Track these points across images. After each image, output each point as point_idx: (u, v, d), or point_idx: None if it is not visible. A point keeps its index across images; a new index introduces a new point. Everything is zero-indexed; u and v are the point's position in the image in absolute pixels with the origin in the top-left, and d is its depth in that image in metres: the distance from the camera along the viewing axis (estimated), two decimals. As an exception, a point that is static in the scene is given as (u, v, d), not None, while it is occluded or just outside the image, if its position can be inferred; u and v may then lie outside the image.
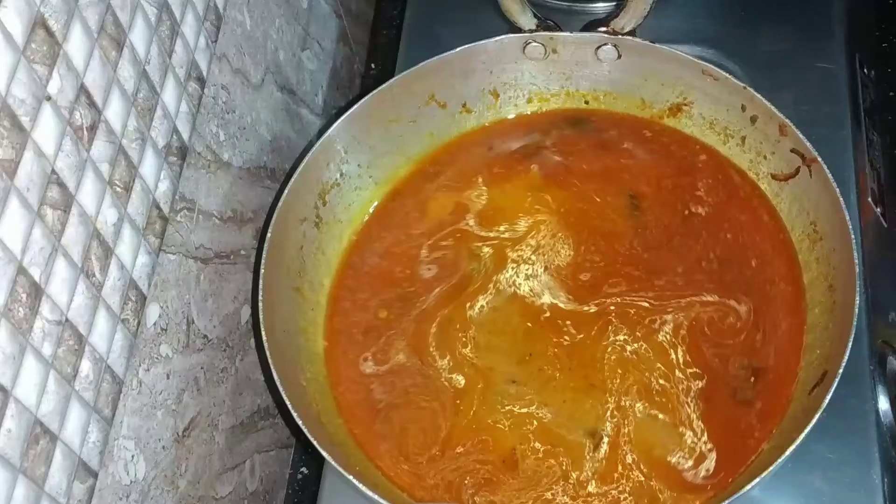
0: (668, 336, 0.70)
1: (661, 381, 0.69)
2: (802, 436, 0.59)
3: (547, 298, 0.73)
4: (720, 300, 0.71)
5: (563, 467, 0.67)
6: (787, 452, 0.59)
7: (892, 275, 0.80)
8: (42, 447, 0.49)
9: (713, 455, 0.66)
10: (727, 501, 0.60)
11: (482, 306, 0.74)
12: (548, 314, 0.73)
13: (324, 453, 0.62)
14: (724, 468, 0.66)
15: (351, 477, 0.62)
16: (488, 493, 0.67)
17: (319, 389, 0.71)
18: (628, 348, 0.70)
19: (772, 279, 0.72)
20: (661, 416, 0.68)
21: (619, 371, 0.70)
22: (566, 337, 0.71)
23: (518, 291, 0.74)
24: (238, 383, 0.76)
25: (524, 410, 0.69)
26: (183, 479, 0.66)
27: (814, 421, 0.60)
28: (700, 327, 0.71)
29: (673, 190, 0.77)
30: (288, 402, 0.64)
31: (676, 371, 0.69)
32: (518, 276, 0.75)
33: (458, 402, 0.70)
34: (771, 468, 0.59)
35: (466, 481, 0.67)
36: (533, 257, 0.75)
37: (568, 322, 0.72)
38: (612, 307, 0.72)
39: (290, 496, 0.87)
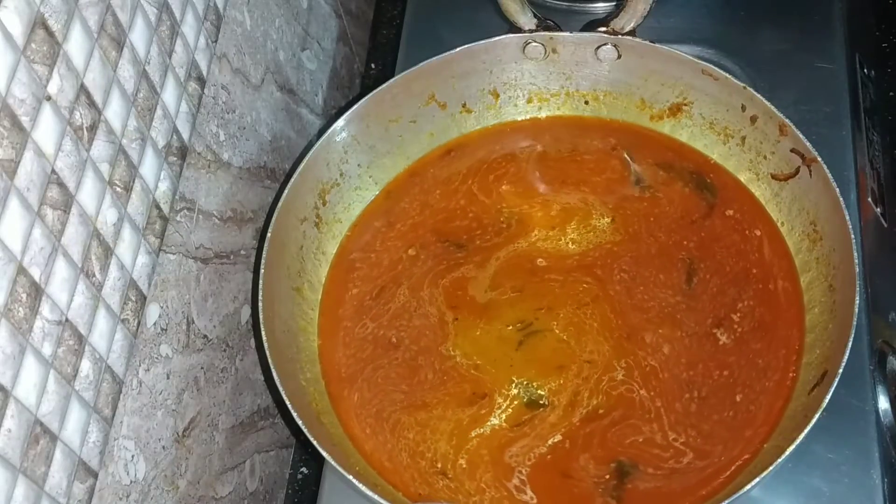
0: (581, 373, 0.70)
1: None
2: (802, 436, 0.59)
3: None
4: (662, 433, 0.67)
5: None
6: (787, 452, 0.59)
7: (892, 275, 0.80)
8: (42, 447, 0.49)
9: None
10: (727, 501, 0.60)
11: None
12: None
13: (324, 453, 0.62)
14: None
15: (351, 477, 0.61)
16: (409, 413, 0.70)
17: (319, 389, 0.72)
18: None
19: (753, 420, 0.67)
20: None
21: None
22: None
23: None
24: (238, 383, 0.76)
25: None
26: (183, 479, 0.66)
27: (814, 421, 0.60)
28: (614, 416, 0.68)
29: (715, 295, 0.73)
30: (288, 402, 0.64)
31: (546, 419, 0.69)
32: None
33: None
34: (771, 468, 0.59)
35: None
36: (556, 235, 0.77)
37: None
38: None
39: (290, 496, 0.87)
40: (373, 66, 1.09)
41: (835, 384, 0.61)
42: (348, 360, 0.73)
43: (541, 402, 0.69)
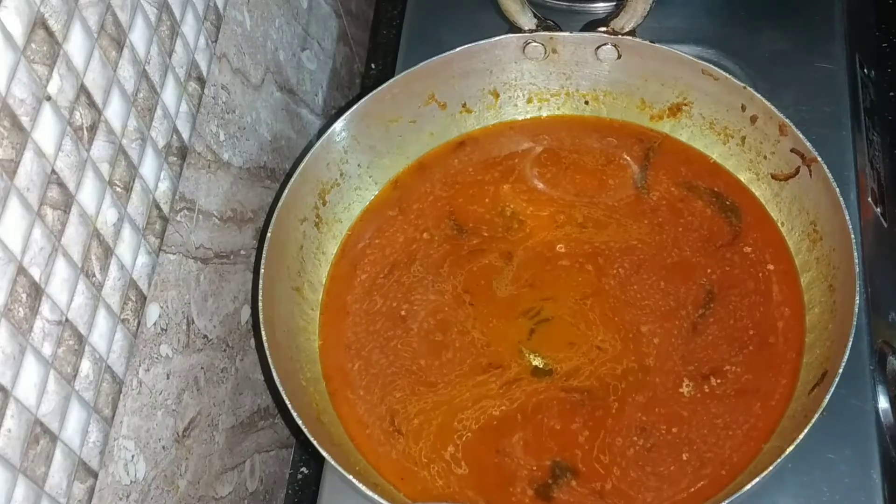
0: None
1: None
2: (802, 436, 0.59)
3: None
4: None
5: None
6: (787, 452, 0.59)
7: (892, 275, 0.80)
8: (42, 447, 0.49)
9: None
10: (727, 501, 0.60)
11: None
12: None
13: (324, 453, 0.62)
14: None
15: (351, 477, 0.62)
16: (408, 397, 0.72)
17: (319, 389, 0.72)
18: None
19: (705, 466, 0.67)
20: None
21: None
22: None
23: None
24: (238, 383, 0.76)
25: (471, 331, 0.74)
26: (183, 479, 0.66)
27: (814, 421, 0.60)
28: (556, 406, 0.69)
29: (708, 346, 0.71)
30: (288, 402, 0.64)
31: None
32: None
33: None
34: (771, 468, 0.59)
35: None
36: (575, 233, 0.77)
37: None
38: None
39: (290, 496, 0.87)
40: (373, 66, 1.09)
41: (835, 384, 0.61)
42: (357, 336, 0.74)
43: (546, 369, 0.71)
